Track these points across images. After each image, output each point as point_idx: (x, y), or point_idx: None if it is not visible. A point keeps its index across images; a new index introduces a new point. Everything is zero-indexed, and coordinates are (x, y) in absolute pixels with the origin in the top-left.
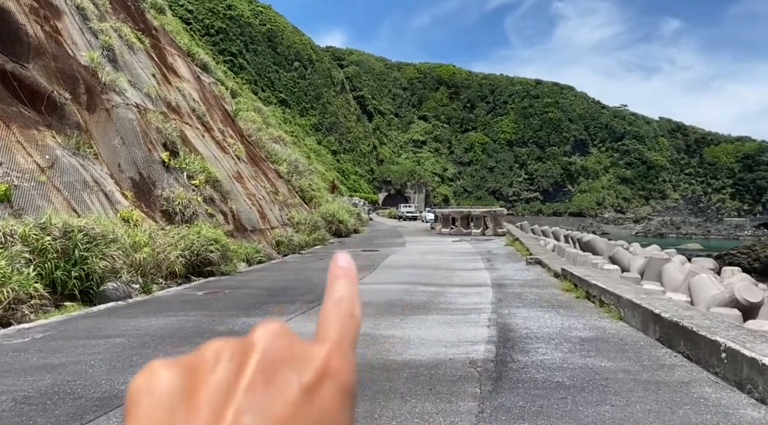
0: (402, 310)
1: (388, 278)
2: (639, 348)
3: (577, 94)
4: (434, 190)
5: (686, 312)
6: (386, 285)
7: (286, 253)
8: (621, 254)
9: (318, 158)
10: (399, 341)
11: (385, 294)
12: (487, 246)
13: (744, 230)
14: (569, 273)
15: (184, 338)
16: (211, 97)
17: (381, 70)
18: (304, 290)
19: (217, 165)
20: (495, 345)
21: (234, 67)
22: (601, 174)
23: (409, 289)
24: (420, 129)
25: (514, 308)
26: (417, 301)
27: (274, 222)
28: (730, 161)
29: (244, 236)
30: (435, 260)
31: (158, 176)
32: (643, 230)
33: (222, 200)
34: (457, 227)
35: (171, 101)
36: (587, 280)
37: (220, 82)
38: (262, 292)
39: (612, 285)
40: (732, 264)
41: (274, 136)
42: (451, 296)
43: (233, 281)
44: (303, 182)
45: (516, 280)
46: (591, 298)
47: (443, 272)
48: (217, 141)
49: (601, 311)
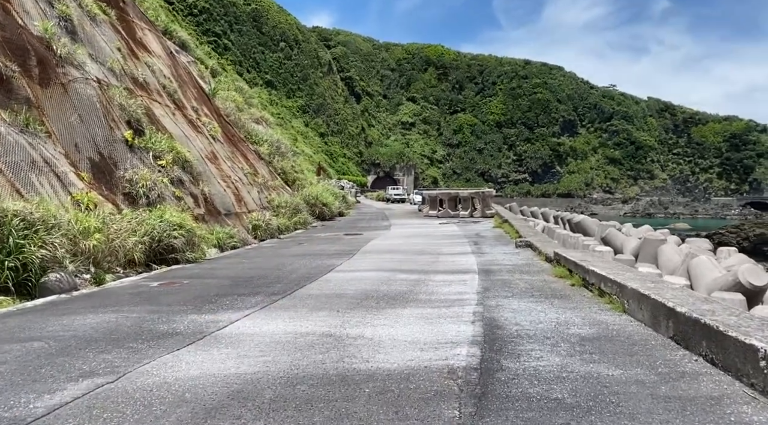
0: (377, 303)
1: (367, 265)
2: (651, 349)
3: (566, 75)
4: (423, 172)
5: (706, 306)
6: (364, 273)
7: (264, 238)
8: (614, 236)
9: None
10: (367, 343)
11: (360, 284)
12: (475, 228)
13: (731, 210)
14: (563, 258)
15: (116, 341)
16: (185, 75)
17: (369, 50)
18: (272, 279)
19: (188, 145)
20: (480, 346)
21: (218, 48)
22: (590, 155)
23: (388, 277)
24: (408, 111)
25: (503, 298)
26: (395, 291)
27: (252, 205)
28: (717, 141)
29: (218, 220)
30: (419, 244)
31: (120, 156)
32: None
33: (193, 181)
34: (444, 209)
35: (138, 77)
36: (584, 265)
37: (200, 61)
38: (225, 282)
39: (613, 272)
40: (721, 244)
41: (257, 116)
42: (433, 285)
43: (198, 269)
44: (285, 163)
45: (505, 265)
46: (588, 286)
47: (427, 257)
48: (189, 120)
49: (601, 302)
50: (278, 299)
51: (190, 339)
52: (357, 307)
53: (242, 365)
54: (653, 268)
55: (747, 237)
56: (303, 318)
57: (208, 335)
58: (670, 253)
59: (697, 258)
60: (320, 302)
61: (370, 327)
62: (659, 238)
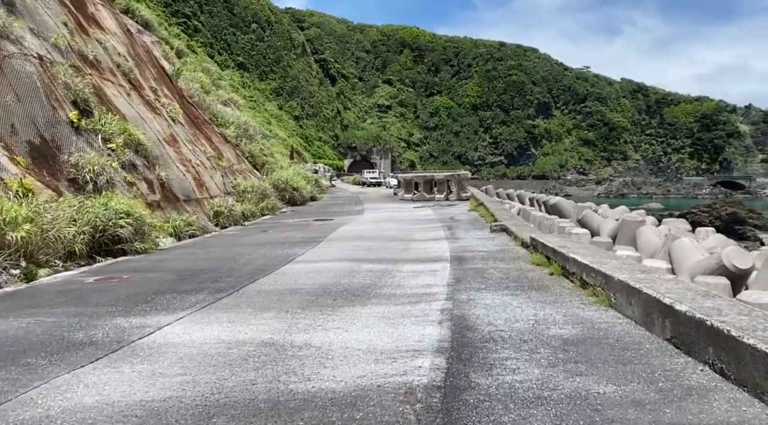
0: (334, 300)
1: (332, 253)
2: (646, 355)
3: (541, 57)
4: (400, 155)
5: (708, 302)
6: (326, 263)
7: (227, 225)
8: (590, 217)
9: (279, 123)
10: (314, 354)
11: (319, 277)
12: (450, 212)
13: (702, 189)
14: (540, 244)
15: (12, 354)
16: (143, 54)
17: (343, 32)
18: (223, 272)
19: (143, 127)
20: (446, 355)
21: (188, 30)
22: (564, 137)
23: (353, 268)
24: (385, 93)
25: (475, 291)
26: (357, 285)
27: (215, 190)
28: (689, 121)
29: (176, 206)
30: (391, 229)
31: (65, 139)
32: (605, 191)
33: (147, 166)
34: (420, 192)
35: (87, 55)
36: (563, 253)
37: (164, 41)
38: (169, 277)
39: (596, 260)
40: (694, 223)
41: (225, 98)
42: (401, 277)
43: (146, 261)
44: (253, 146)
45: (479, 252)
46: (569, 276)
47: (397, 244)
48: (147, 101)
49: (584, 295)
50: (222, 297)
51: (104, 350)
52: (310, 306)
53: (153, 388)
54: (632, 250)
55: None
56: (244, 322)
57: (127, 345)
58: (650, 235)
59: (678, 240)
60: (269, 301)
61: (321, 331)
62: (637, 219)
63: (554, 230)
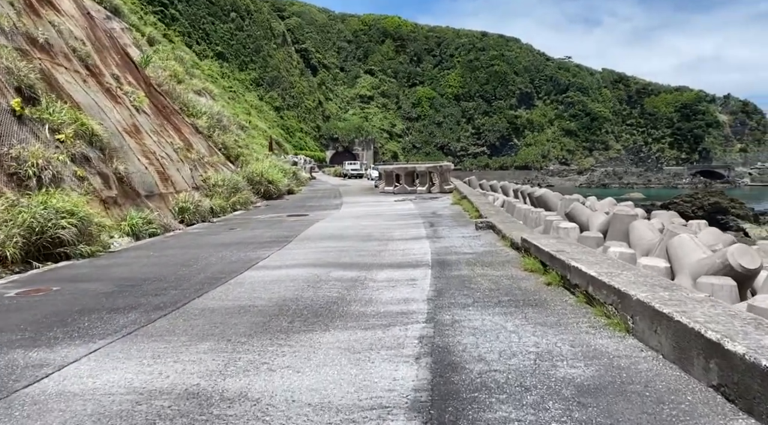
0: (290, 322)
1: (300, 256)
2: (690, 414)
3: (523, 47)
4: (383, 147)
5: None
6: (291, 270)
7: (193, 222)
8: (579, 210)
9: (260, 114)
10: (247, 413)
11: (280, 288)
12: (432, 206)
13: (682, 179)
14: (533, 246)
15: None
16: (106, 39)
17: (324, 21)
18: (170, 282)
19: (101, 116)
20: (424, 416)
21: (165, 19)
22: (546, 127)
23: (320, 276)
24: (366, 84)
25: (461, 308)
26: (321, 300)
27: (182, 185)
28: (669, 111)
29: (136, 203)
30: (369, 226)
31: (5, 129)
32: (587, 182)
33: (103, 159)
34: (401, 184)
35: (37, 37)
36: (561, 259)
37: (135, 27)
38: (105, 288)
39: (605, 271)
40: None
41: (199, 88)
42: (374, 288)
43: (88, 267)
44: (227, 137)
45: (463, 254)
46: (571, 288)
47: (374, 244)
48: (107, 88)
49: (592, 314)
50: (158, 319)
51: None
52: (259, 332)
53: None
54: (625, 247)
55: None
56: (172, 357)
57: (4, 397)
58: (644, 230)
59: (677, 237)
60: (211, 324)
61: (264, 373)
62: (630, 213)
63: (541, 223)
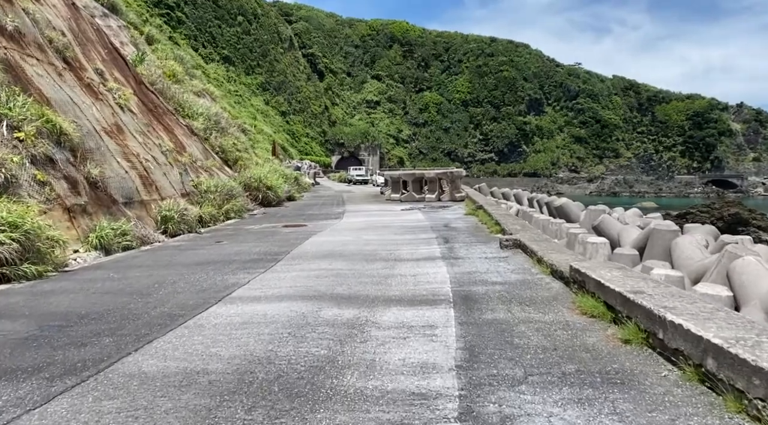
0: (249, 411)
1: (287, 283)
2: None
3: (532, 53)
4: (389, 152)
5: None
6: (272, 304)
7: (177, 232)
8: (608, 224)
9: (266, 119)
10: None
11: (251, 337)
12: (444, 217)
13: (694, 188)
14: (592, 281)
15: None
16: (91, 32)
17: (332, 26)
18: (108, 324)
19: (75, 113)
20: None
21: (171, 22)
22: (556, 133)
23: (307, 316)
24: (373, 89)
25: (509, 388)
26: (302, 364)
27: (169, 190)
28: (680, 119)
29: (111, 211)
30: (373, 241)
31: None
32: (597, 190)
33: (73, 161)
34: (408, 192)
35: (5, 24)
36: (647, 309)
37: (133, 25)
38: (21, 332)
39: (735, 334)
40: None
41: (199, 89)
42: (377, 342)
43: (23, 294)
44: (225, 140)
45: (492, 284)
46: (667, 352)
47: (379, 266)
48: (87, 84)
49: (721, 408)
50: (59, 394)
51: None
52: None
53: None
54: (668, 267)
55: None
56: None
57: None
58: (690, 248)
59: (741, 260)
60: (129, 411)
61: None
62: (672, 228)
63: (563, 236)
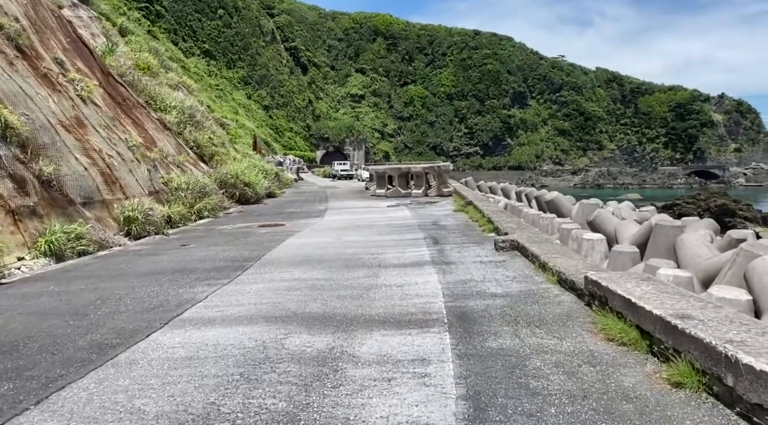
0: None
1: (252, 298)
2: None
3: (516, 45)
4: (374, 146)
5: None
6: (227, 329)
7: (142, 234)
8: (604, 219)
9: (248, 113)
10: None
11: (189, 384)
12: (433, 213)
13: (677, 179)
14: (618, 298)
15: None
16: (52, 19)
17: (314, 19)
18: (17, 361)
19: (27, 106)
20: None
21: (150, 15)
22: (540, 127)
23: (268, 348)
24: (358, 83)
25: None
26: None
27: (135, 189)
28: (663, 111)
29: (66, 212)
30: (355, 244)
31: None
32: (581, 182)
33: (21, 158)
34: (394, 187)
35: None
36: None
37: (104, 16)
38: None
39: None
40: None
41: (175, 82)
42: (353, 388)
43: None
44: (201, 135)
45: (492, 297)
46: (740, 407)
47: (360, 274)
48: (44, 74)
49: None
50: None
51: None
52: None
53: None
54: (673, 266)
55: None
56: None
57: None
58: (697, 246)
59: (761, 260)
60: None
61: None
62: (676, 224)
63: (554, 232)
